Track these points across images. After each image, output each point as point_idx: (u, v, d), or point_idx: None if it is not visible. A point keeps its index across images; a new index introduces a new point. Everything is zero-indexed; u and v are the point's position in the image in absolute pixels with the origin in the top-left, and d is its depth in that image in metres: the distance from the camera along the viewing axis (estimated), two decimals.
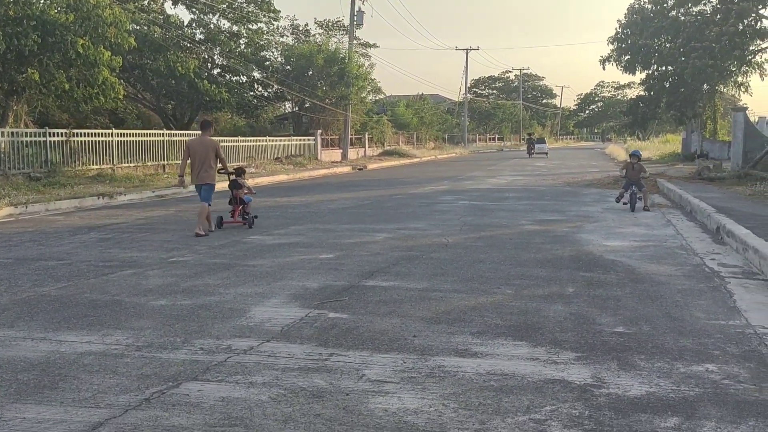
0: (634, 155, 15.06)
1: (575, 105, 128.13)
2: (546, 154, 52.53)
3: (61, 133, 20.70)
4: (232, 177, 12.32)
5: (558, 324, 5.66)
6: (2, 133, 18.63)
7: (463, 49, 76.32)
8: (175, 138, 26.18)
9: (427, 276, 7.69)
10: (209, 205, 11.52)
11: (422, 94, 71.60)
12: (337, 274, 7.84)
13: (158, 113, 33.93)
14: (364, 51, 47.67)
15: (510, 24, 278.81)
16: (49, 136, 20.08)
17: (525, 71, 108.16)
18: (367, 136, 47.21)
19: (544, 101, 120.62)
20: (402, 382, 4.33)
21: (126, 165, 23.06)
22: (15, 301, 6.59)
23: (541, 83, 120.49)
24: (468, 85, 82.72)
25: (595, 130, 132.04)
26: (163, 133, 25.76)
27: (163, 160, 25.10)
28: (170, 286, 7.21)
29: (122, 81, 23.66)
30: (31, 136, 19.68)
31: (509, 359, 4.77)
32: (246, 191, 12.38)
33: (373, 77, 45.79)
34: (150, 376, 4.48)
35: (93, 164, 21.66)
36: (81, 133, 21.66)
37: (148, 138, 24.72)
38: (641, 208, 14.28)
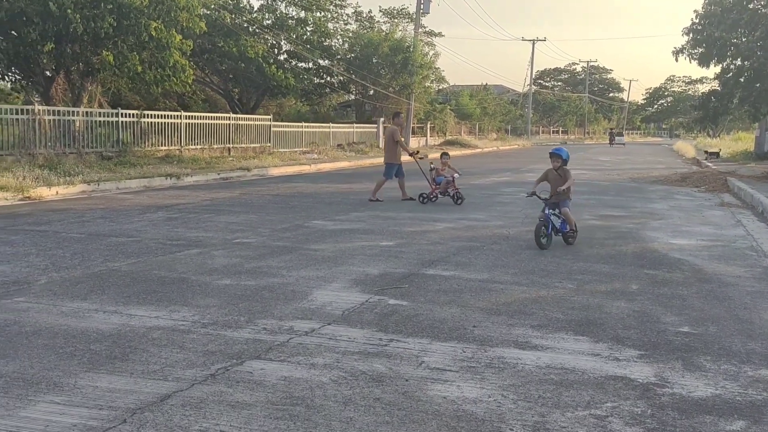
0: (556, 155, 9.51)
1: (643, 99, 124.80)
2: (623, 144, 69.28)
3: (133, 114, 21.32)
4: (430, 163, 14.73)
5: (621, 321, 5.58)
6: (78, 112, 19.30)
7: (530, 40, 75.27)
8: (240, 122, 26.62)
9: (488, 267, 7.66)
10: (387, 179, 14.24)
11: (486, 84, 70.92)
12: (397, 261, 7.88)
13: (225, 97, 34.55)
14: (429, 39, 47.40)
15: (579, 15, 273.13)
16: (121, 116, 20.70)
17: (592, 63, 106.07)
18: (429, 126, 47.08)
19: (611, 95, 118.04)
20: (461, 371, 4.35)
21: (193, 147, 23.58)
22: (88, 275, 6.85)
23: (609, 76, 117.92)
24: (533, 76, 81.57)
25: (663, 126, 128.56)
26: (229, 117, 26.23)
27: (229, 143, 25.57)
28: (235, 267, 7.38)
29: (192, 64, 24.14)
30: (104, 116, 20.32)
31: (570, 354, 4.73)
32: (436, 173, 14.20)
33: (437, 66, 45.52)
34: (215, 352, 4.61)
35: (161, 145, 22.23)
36: (151, 115, 22.25)
37: (215, 121, 25.21)
38: (566, 241, 9.34)
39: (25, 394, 3.84)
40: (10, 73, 21.41)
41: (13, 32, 17.77)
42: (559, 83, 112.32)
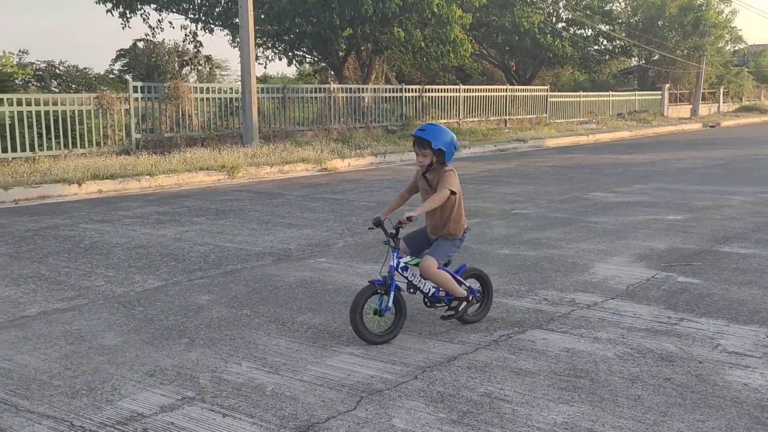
0: (421, 140, 4.45)
1: None
2: None
3: (415, 90, 22.32)
4: None
5: None
6: (366, 89, 20.71)
7: None
8: (517, 93, 26.57)
9: None
10: None
11: None
12: (686, 237, 7.38)
13: (501, 69, 34.68)
14: None
15: None
16: (405, 92, 21.80)
17: None
18: (722, 90, 42.98)
19: None
20: (764, 358, 3.97)
21: (470, 119, 24.06)
22: (378, 240, 7.30)
23: None
24: None
25: None
26: (505, 89, 26.30)
27: (505, 114, 25.67)
28: (513, 237, 7.45)
29: (470, 38, 24.54)
30: (388, 93, 21.57)
31: None
32: None
33: (733, 25, 41.13)
34: (497, 319, 4.72)
35: (441, 118, 22.98)
36: (431, 89, 23.10)
37: (491, 93, 25.43)
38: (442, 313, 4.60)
39: (330, 345, 4.27)
40: (311, 56, 23.56)
41: (312, 19, 19.49)
42: None
